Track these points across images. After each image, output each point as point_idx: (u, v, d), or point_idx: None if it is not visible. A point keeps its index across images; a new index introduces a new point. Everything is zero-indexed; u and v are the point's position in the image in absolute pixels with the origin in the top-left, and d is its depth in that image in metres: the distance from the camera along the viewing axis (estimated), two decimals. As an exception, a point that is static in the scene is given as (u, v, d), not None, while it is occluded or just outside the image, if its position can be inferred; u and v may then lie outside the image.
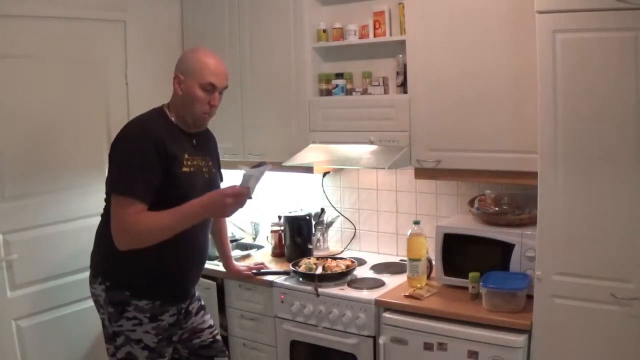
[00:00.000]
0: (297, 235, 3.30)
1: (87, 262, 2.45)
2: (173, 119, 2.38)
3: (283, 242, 3.37)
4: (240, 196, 2.26)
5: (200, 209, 2.25)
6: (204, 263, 2.55)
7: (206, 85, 2.32)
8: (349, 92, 3.15)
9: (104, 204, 2.35)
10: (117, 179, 2.23)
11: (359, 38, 3.11)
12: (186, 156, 2.35)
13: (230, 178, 2.86)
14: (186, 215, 2.24)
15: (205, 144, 2.54)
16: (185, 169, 2.32)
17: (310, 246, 3.33)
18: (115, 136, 2.33)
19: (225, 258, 2.96)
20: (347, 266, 2.97)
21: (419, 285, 2.77)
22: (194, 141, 2.45)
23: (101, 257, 2.39)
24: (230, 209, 2.27)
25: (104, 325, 2.39)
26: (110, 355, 2.39)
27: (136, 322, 2.33)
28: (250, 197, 2.29)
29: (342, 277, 2.90)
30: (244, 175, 2.29)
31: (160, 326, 2.38)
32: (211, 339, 2.66)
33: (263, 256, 3.42)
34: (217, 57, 2.40)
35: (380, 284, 2.86)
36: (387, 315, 2.63)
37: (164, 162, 2.25)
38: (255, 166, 2.33)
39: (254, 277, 3.00)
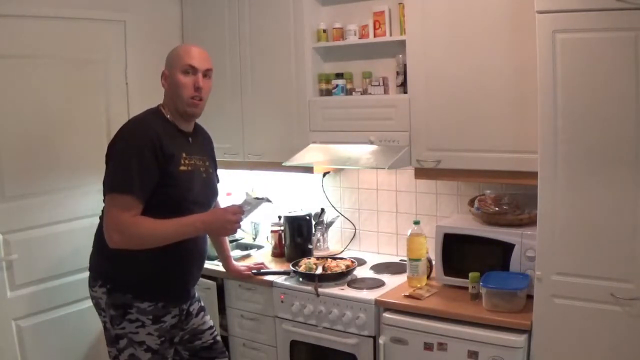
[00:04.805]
0: (297, 235, 3.30)
1: (87, 262, 2.45)
2: (169, 116, 2.39)
3: (283, 242, 3.37)
4: (238, 214, 2.34)
5: (200, 224, 2.30)
6: (204, 262, 2.56)
7: (186, 67, 2.34)
8: (349, 92, 3.15)
9: (103, 205, 2.34)
10: (114, 178, 2.23)
11: (359, 38, 3.11)
12: (184, 155, 2.35)
13: (227, 178, 2.88)
14: (185, 227, 2.28)
15: (202, 144, 2.55)
16: (182, 168, 2.33)
17: (310, 246, 3.33)
18: (113, 136, 2.34)
19: (224, 258, 2.95)
20: (347, 266, 2.97)
21: (419, 285, 2.77)
22: (191, 140, 2.45)
23: (101, 260, 2.39)
24: (230, 226, 2.35)
25: (105, 328, 2.39)
26: (112, 358, 2.39)
27: (139, 324, 2.33)
28: (241, 220, 2.39)
29: (342, 277, 2.90)
30: (244, 201, 2.42)
31: (162, 328, 2.38)
32: (212, 340, 2.66)
33: (263, 256, 3.42)
34: (196, 45, 2.46)
35: (380, 284, 2.86)
36: (387, 315, 2.63)
37: (162, 160, 2.25)
38: (257, 198, 2.47)
39: (254, 277, 3.00)
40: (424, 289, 2.73)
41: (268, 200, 2.53)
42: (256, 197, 2.48)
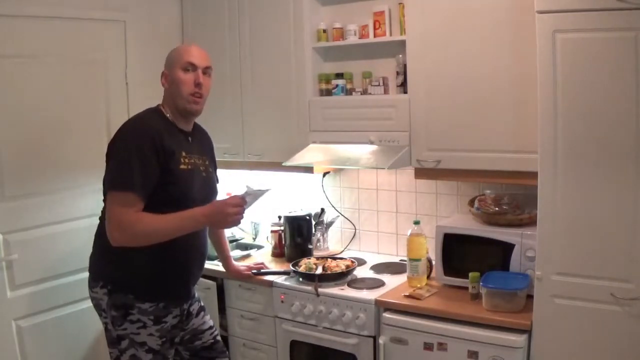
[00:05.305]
0: (297, 235, 3.30)
1: (87, 262, 2.45)
2: (168, 115, 2.40)
3: (283, 242, 3.37)
4: (240, 206, 2.31)
5: (202, 217, 2.29)
6: (204, 261, 2.56)
7: (186, 65, 2.36)
8: (349, 92, 3.15)
9: (103, 205, 2.34)
10: (114, 176, 2.23)
11: (359, 38, 3.11)
12: (183, 153, 2.35)
13: (227, 178, 2.88)
14: (186, 220, 2.26)
15: (201, 143, 2.55)
16: (182, 166, 2.33)
17: (310, 246, 3.33)
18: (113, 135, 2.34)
19: (224, 258, 2.96)
20: (347, 266, 2.97)
21: (419, 285, 2.78)
22: (190, 139, 2.45)
23: (102, 260, 2.39)
24: (231, 218, 2.31)
25: (106, 329, 2.38)
26: (113, 359, 2.39)
27: (140, 325, 2.33)
28: (244, 210, 2.35)
29: (342, 277, 2.90)
30: (245, 192, 2.38)
31: (163, 328, 2.38)
32: (212, 340, 2.66)
33: (263, 256, 3.42)
34: (196, 45, 2.49)
35: (380, 284, 2.86)
36: (387, 315, 2.63)
37: (162, 158, 2.25)
38: (259, 189, 2.42)
39: (254, 277, 3.00)
40: (424, 289, 2.73)
41: (268, 190, 2.48)
42: (258, 188, 2.43)
